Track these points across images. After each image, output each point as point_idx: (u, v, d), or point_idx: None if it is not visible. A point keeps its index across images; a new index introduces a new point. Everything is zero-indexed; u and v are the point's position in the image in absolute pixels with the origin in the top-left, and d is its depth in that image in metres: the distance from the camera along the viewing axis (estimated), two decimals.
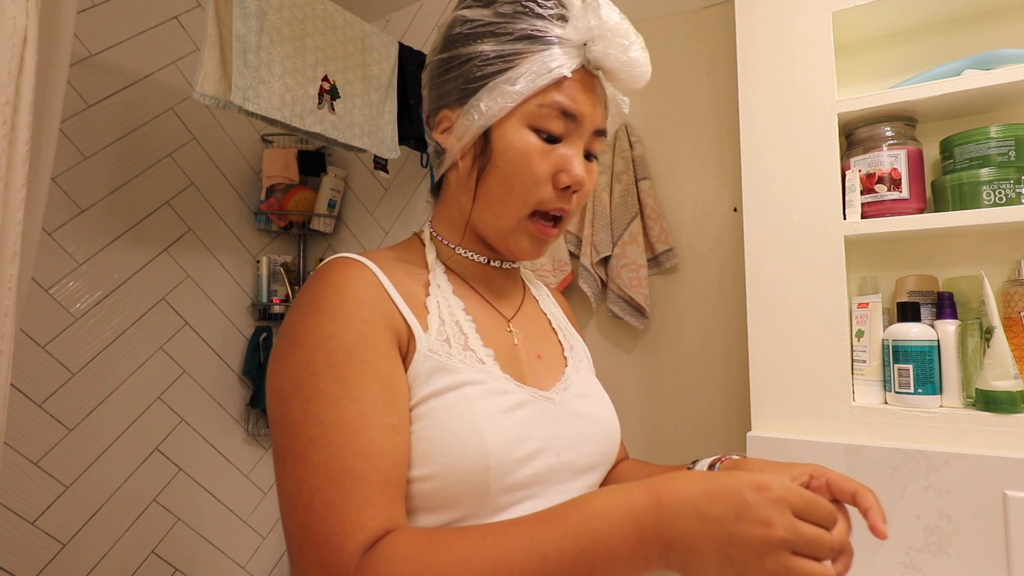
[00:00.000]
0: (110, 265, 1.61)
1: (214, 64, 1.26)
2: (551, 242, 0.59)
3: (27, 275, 0.85)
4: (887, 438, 0.98)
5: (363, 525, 0.42)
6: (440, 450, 0.48)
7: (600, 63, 0.54)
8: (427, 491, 0.48)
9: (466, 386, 0.50)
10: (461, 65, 0.55)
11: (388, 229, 2.04)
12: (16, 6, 0.74)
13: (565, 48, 0.53)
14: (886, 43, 1.15)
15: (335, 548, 0.41)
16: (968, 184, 0.96)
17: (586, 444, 0.58)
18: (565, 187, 0.55)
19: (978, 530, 0.88)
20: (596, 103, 0.56)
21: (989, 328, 0.92)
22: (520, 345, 0.60)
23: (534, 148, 0.54)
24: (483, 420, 0.49)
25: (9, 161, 0.76)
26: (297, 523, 0.43)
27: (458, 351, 0.53)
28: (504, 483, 0.49)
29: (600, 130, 0.57)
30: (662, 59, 1.51)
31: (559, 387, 0.59)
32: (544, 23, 0.53)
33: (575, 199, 0.57)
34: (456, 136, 0.56)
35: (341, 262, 0.53)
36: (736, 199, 1.40)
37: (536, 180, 0.54)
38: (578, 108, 0.54)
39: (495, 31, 0.54)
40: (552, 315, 0.70)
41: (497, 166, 0.55)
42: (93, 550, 1.54)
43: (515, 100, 0.53)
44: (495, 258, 0.62)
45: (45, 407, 1.47)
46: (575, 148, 0.55)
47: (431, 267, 0.59)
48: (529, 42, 0.53)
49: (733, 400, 1.39)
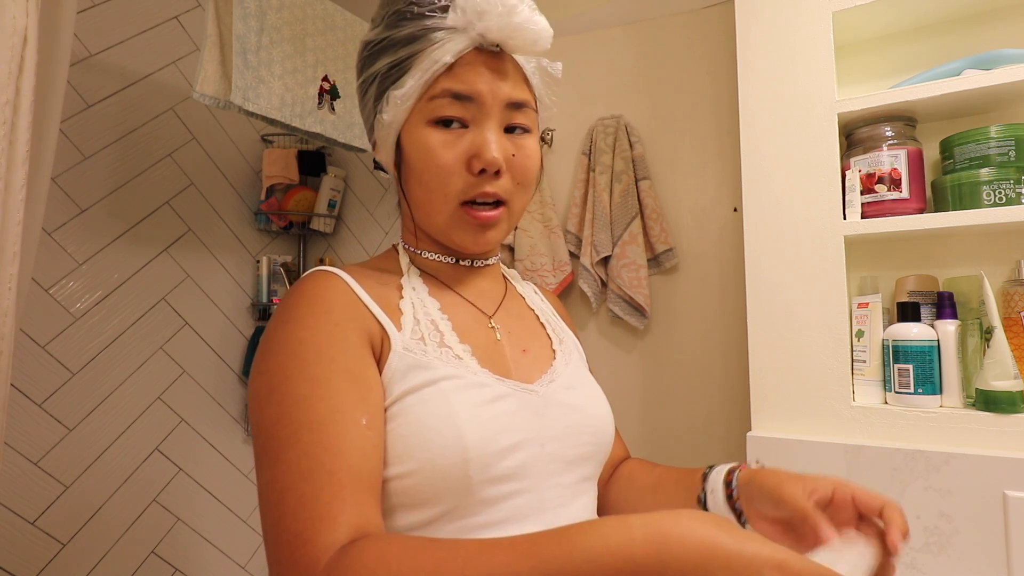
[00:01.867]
0: (110, 265, 1.61)
1: (214, 64, 1.26)
2: (498, 227, 0.58)
3: (27, 275, 0.85)
4: (887, 438, 0.98)
5: (332, 520, 0.42)
6: (418, 446, 0.48)
7: (487, 38, 0.54)
8: (408, 487, 0.48)
9: (442, 381, 0.51)
10: (369, 86, 0.58)
11: (388, 229, 2.04)
12: (16, 6, 0.74)
13: (452, 36, 0.54)
14: (886, 43, 1.15)
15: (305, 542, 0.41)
16: (968, 184, 0.96)
17: (574, 435, 0.57)
18: (480, 171, 0.54)
19: (978, 530, 0.88)
20: (499, 77, 0.55)
21: (989, 328, 0.92)
22: (503, 340, 0.60)
23: (436, 141, 0.54)
24: (460, 413, 0.49)
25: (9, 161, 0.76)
26: (271, 521, 0.43)
27: (433, 348, 0.53)
28: (486, 475, 0.49)
29: (514, 102, 0.56)
30: (662, 59, 1.51)
31: (544, 379, 0.59)
32: (428, 20, 0.54)
33: (507, 179, 0.56)
34: (383, 152, 0.60)
35: (314, 274, 0.54)
36: (736, 199, 1.40)
37: (446, 171, 0.54)
38: (471, 87, 0.54)
39: (388, 45, 0.56)
40: (540, 310, 0.70)
41: (412, 169, 0.57)
42: (93, 550, 1.54)
43: (406, 102, 0.55)
44: (462, 257, 0.63)
45: (45, 407, 1.47)
46: (485, 128, 0.55)
47: (405, 272, 0.60)
48: (417, 43, 0.54)
49: (733, 400, 1.39)
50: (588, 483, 0.60)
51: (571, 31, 1.62)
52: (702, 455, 1.41)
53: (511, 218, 0.59)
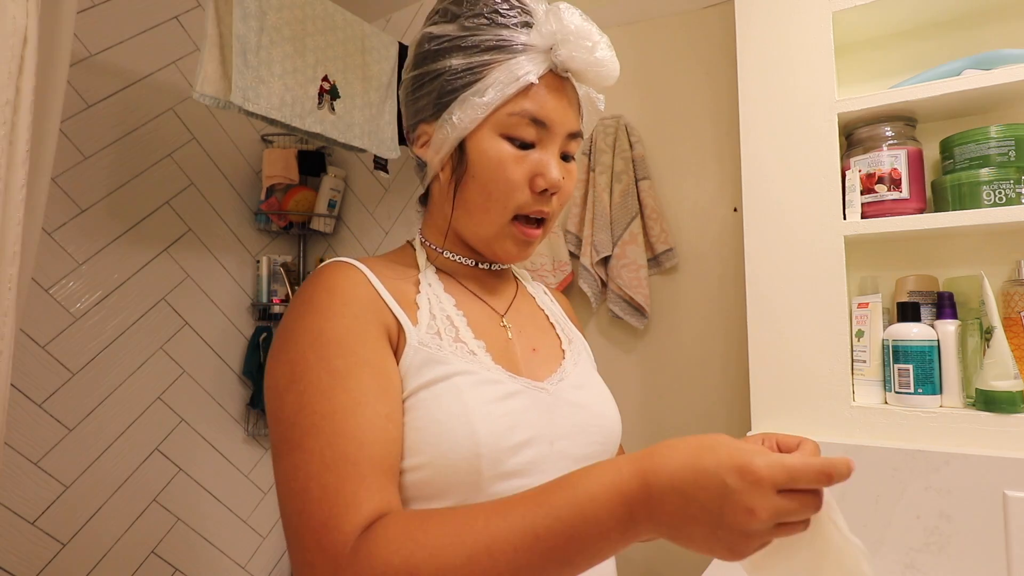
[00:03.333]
0: (110, 265, 1.61)
1: (214, 64, 1.26)
2: (536, 244, 0.61)
3: (27, 275, 0.85)
4: (887, 438, 0.98)
5: (358, 507, 0.43)
6: (431, 439, 0.49)
7: (567, 66, 0.56)
8: (420, 481, 0.49)
9: (456, 376, 0.51)
10: (432, 81, 0.57)
11: (388, 229, 2.04)
12: (16, 6, 0.74)
13: (531, 55, 0.55)
14: (886, 43, 1.15)
15: (332, 529, 0.42)
16: (968, 184, 0.96)
17: (582, 434, 0.58)
18: (543, 190, 0.57)
19: (978, 530, 0.88)
20: (567, 107, 0.57)
21: (989, 328, 0.92)
22: (514, 339, 0.61)
23: (508, 156, 0.55)
24: (473, 409, 0.50)
25: (9, 161, 0.76)
26: (294, 509, 0.44)
27: (448, 343, 0.54)
28: (496, 471, 0.50)
29: (574, 132, 0.58)
30: (662, 59, 1.51)
31: (554, 378, 0.60)
32: (509, 32, 0.55)
33: (555, 200, 0.59)
34: (434, 149, 0.59)
35: (333, 265, 0.55)
36: (736, 199, 1.40)
37: (513, 186, 0.56)
38: (547, 115, 0.56)
39: (461, 44, 0.56)
40: (550, 311, 0.71)
41: (474, 176, 0.57)
42: (93, 550, 1.54)
43: (485, 111, 0.55)
44: (482, 261, 0.64)
45: (45, 407, 1.47)
46: (549, 152, 0.57)
47: (422, 268, 0.61)
48: (495, 52, 0.55)
49: (733, 400, 1.39)
50: None
51: None
52: None
53: (545, 235, 0.62)
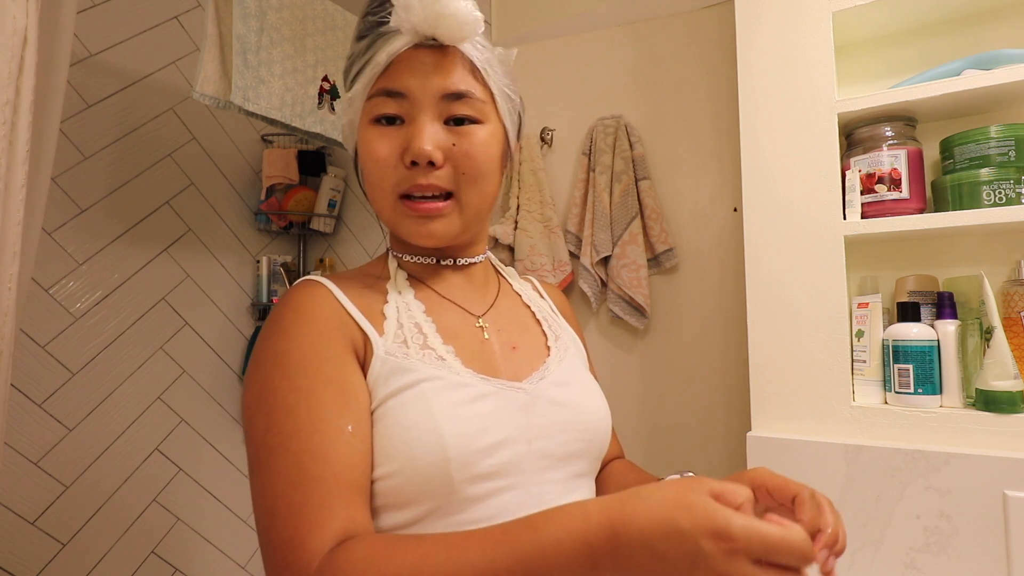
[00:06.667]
0: (110, 265, 1.61)
1: (214, 64, 1.26)
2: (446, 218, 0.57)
3: (27, 275, 0.85)
4: (887, 438, 0.98)
5: (321, 525, 0.44)
6: (399, 447, 0.49)
7: (420, 30, 0.55)
8: (391, 488, 0.49)
9: (423, 383, 0.52)
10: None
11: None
12: (16, 6, 0.74)
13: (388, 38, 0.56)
14: (886, 43, 1.15)
15: (296, 548, 0.43)
16: (968, 184, 0.96)
17: (563, 432, 0.58)
18: (412, 163, 0.55)
19: (978, 530, 0.88)
20: (434, 70, 0.56)
21: (989, 328, 0.92)
22: (492, 338, 0.61)
23: (372, 135, 0.56)
24: (440, 413, 0.50)
25: (9, 161, 0.76)
26: (264, 527, 0.45)
27: (416, 351, 0.54)
28: (468, 474, 0.50)
29: (451, 93, 0.56)
30: (662, 59, 1.51)
31: (535, 377, 0.59)
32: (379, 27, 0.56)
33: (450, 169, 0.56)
34: None
35: (299, 285, 0.56)
36: (736, 199, 1.40)
37: (380, 165, 0.56)
38: (403, 83, 0.55)
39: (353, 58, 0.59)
40: (537, 307, 0.70)
41: (361, 169, 0.60)
42: (93, 550, 1.54)
43: (353, 104, 0.58)
44: (442, 257, 0.64)
45: (45, 407, 1.47)
46: (419, 122, 0.55)
47: (392, 276, 0.62)
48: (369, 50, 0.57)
49: (733, 400, 1.39)
50: (582, 479, 0.60)
51: (571, 31, 1.62)
52: (702, 455, 1.41)
53: (464, 210, 0.58)
